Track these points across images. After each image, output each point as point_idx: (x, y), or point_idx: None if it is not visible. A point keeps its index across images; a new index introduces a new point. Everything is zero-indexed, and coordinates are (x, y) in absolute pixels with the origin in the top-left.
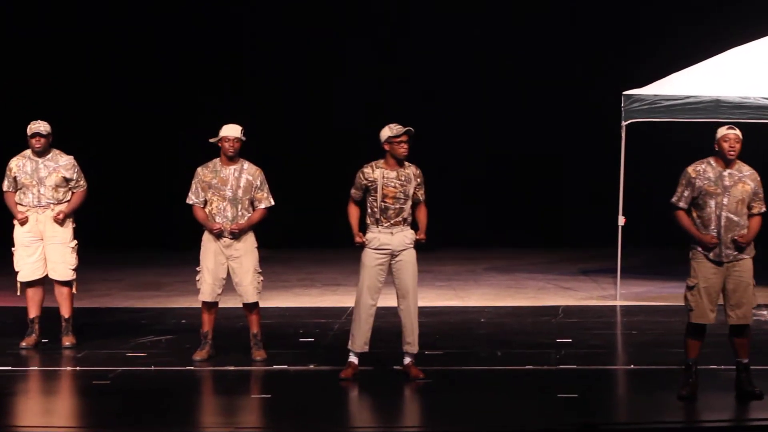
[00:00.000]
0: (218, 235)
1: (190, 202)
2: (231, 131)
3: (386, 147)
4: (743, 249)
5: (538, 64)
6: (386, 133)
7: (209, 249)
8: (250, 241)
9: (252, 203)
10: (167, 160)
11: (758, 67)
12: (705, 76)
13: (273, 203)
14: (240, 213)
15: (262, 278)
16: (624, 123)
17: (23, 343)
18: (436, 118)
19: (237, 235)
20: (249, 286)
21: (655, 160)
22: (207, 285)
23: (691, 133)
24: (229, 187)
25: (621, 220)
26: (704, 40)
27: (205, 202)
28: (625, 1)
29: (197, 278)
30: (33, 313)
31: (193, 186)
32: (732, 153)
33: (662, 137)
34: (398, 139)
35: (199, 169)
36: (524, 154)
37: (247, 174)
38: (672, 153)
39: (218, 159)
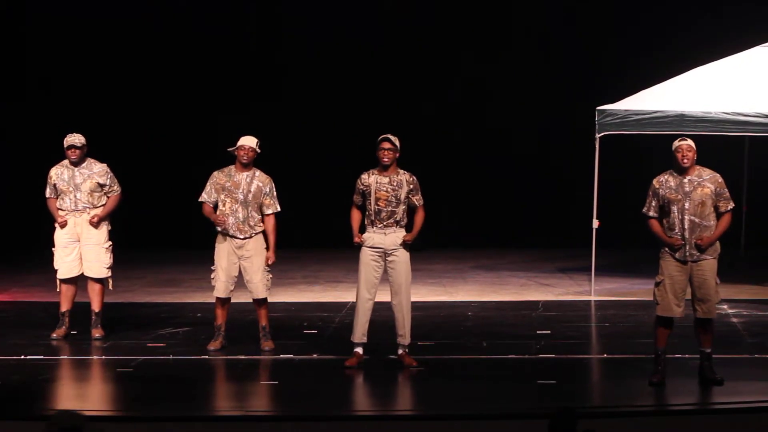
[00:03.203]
0: (226, 233)
1: (202, 200)
2: (247, 141)
3: (376, 154)
4: (704, 250)
5: (525, 82)
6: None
7: (222, 249)
8: (260, 242)
9: (260, 207)
10: (188, 168)
11: (719, 84)
12: (671, 93)
13: (279, 209)
14: (250, 215)
15: (270, 276)
16: (598, 135)
17: (54, 334)
18: (429, 127)
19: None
20: (259, 283)
21: (626, 168)
22: (221, 282)
23: (659, 144)
24: (240, 191)
25: (595, 223)
26: (670, 61)
27: (216, 204)
28: (600, 28)
29: (212, 276)
30: (64, 307)
31: (208, 186)
32: (685, 161)
33: (632, 148)
34: (380, 147)
35: (215, 172)
36: (510, 163)
37: (258, 181)
38: (641, 162)
39: (233, 165)
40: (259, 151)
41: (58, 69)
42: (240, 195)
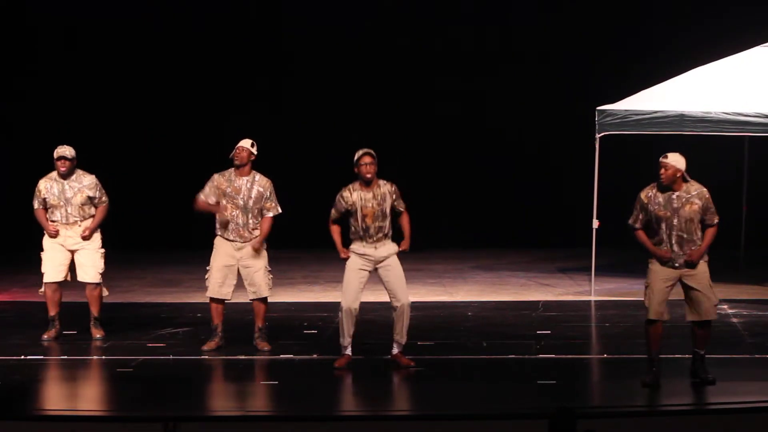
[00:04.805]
0: (227, 237)
1: (200, 195)
2: (242, 143)
3: (356, 170)
4: (695, 265)
5: (525, 82)
6: (355, 157)
7: (221, 252)
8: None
9: (261, 211)
10: (188, 168)
11: (719, 84)
12: (671, 93)
13: (280, 211)
14: (251, 220)
15: (272, 275)
16: (598, 135)
17: (45, 336)
18: (428, 131)
19: (259, 250)
20: (262, 282)
21: (626, 168)
22: (214, 283)
23: (659, 144)
24: (241, 196)
25: (595, 224)
26: (670, 61)
27: (217, 203)
28: (600, 29)
29: (206, 276)
30: (53, 311)
31: (207, 187)
32: (663, 179)
33: (632, 148)
34: (361, 162)
35: (216, 175)
36: (510, 163)
37: (258, 185)
38: (641, 162)
39: (233, 169)
40: (255, 152)
41: (57, 69)
42: (240, 201)
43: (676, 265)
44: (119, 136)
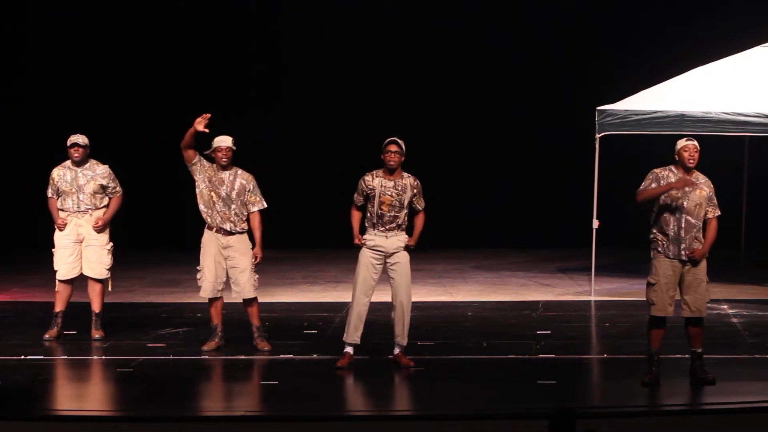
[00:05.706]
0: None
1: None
2: (223, 142)
3: (381, 157)
4: (698, 263)
5: (525, 82)
6: (383, 144)
7: (209, 250)
8: (245, 243)
9: (245, 205)
10: (185, 168)
11: (719, 85)
12: (671, 93)
13: (266, 206)
14: (233, 212)
15: (257, 276)
16: (598, 135)
17: (46, 335)
18: (429, 131)
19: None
20: (246, 283)
21: (626, 168)
22: (208, 283)
23: (659, 144)
24: (224, 188)
25: (595, 224)
26: (670, 61)
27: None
28: (600, 29)
29: (198, 277)
30: (59, 307)
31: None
32: (692, 161)
33: (632, 148)
34: (387, 149)
35: (205, 160)
36: (510, 163)
37: (240, 179)
38: (641, 162)
39: (215, 165)
40: (234, 149)
41: (57, 69)
42: (223, 192)
43: (682, 255)
44: (118, 137)
